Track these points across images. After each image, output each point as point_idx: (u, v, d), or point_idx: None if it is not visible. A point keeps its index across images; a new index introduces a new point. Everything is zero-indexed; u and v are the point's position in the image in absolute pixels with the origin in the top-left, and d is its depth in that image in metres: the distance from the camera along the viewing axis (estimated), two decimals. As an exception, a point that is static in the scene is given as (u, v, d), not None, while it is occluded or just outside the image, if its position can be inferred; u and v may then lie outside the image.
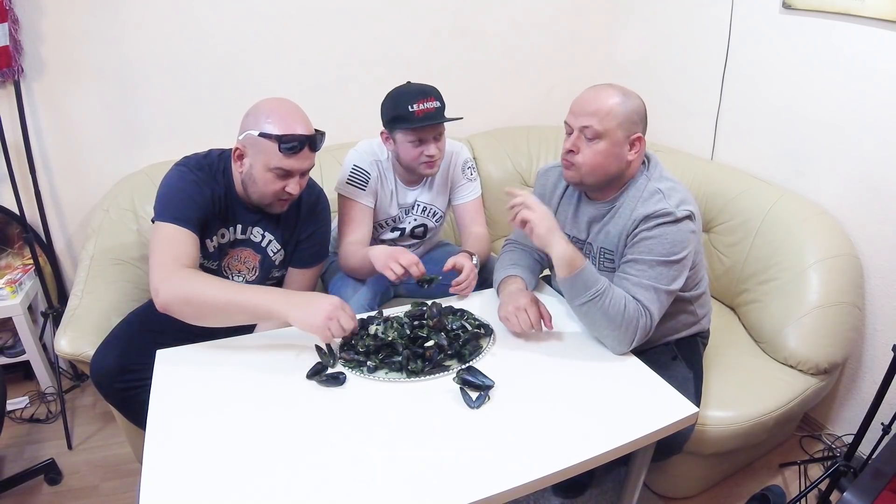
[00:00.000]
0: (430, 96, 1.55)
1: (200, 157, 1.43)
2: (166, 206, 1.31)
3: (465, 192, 1.80)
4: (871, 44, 1.65)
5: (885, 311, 1.76)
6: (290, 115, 1.34)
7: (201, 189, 1.36)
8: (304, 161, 1.35)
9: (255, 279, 1.54)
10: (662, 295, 1.28)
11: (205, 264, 1.47)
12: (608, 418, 1.11)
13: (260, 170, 1.34)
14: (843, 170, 1.80)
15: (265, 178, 1.34)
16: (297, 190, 1.37)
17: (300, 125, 1.33)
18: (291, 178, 1.36)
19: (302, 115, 1.36)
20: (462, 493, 0.93)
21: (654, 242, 1.26)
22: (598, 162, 1.29)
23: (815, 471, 1.80)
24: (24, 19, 1.85)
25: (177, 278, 1.22)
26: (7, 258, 2.11)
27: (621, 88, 1.30)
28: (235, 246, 1.49)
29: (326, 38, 2.22)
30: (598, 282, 1.24)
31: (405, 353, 1.24)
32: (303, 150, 1.33)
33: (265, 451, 1.01)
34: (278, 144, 1.30)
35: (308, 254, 1.55)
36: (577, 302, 1.26)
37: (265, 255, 1.52)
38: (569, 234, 1.46)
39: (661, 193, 1.29)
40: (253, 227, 1.48)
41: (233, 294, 1.22)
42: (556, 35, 2.57)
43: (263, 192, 1.37)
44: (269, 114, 1.32)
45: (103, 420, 2.03)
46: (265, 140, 1.31)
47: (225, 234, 1.46)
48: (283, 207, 1.43)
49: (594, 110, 1.27)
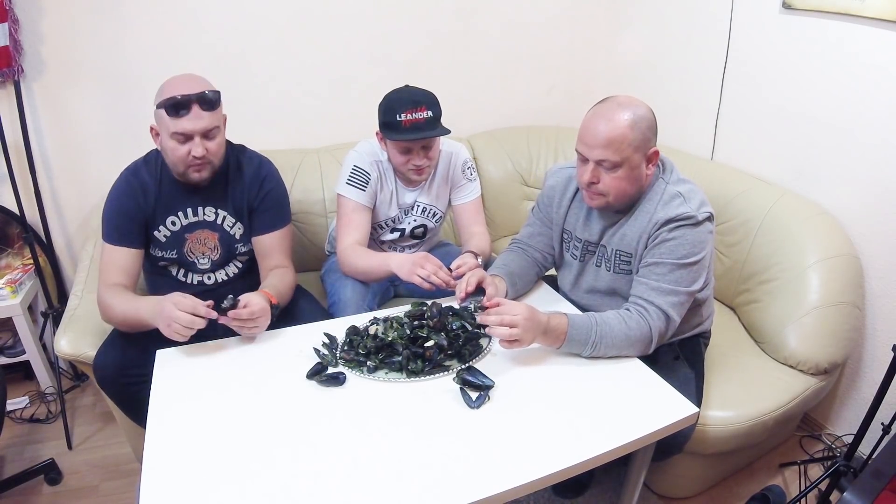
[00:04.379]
0: (421, 105, 1.53)
1: (140, 160, 1.51)
2: (105, 226, 1.46)
3: (465, 193, 1.80)
4: (871, 44, 1.65)
5: (885, 311, 1.76)
6: (178, 81, 1.38)
7: (129, 197, 1.45)
8: (198, 121, 1.36)
9: (220, 257, 1.57)
10: (683, 297, 1.29)
11: (165, 256, 1.52)
12: (608, 418, 1.11)
13: (165, 139, 1.39)
14: (844, 170, 1.80)
15: (170, 145, 1.38)
16: (200, 151, 1.38)
17: (185, 87, 1.35)
18: (192, 141, 1.37)
19: (192, 79, 1.39)
20: (462, 493, 0.93)
21: (675, 244, 1.27)
22: (622, 188, 1.29)
23: (815, 471, 1.80)
24: (24, 19, 1.85)
25: (100, 304, 1.42)
26: (7, 258, 2.11)
27: (628, 104, 1.25)
28: (191, 230, 1.52)
29: (327, 39, 2.22)
30: (589, 328, 1.24)
31: (405, 353, 1.23)
32: (191, 110, 1.35)
33: (265, 450, 1.02)
34: (165, 109, 1.35)
35: (268, 216, 1.56)
36: (585, 354, 1.26)
37: (223, 232, 1.55)
38: (580, 237, 1.46)
39: (682, 197, 1.29)
40: (204, 208, 1.51)
41: (130, 308, 1.37)
42: (556, 35, 2.57)
43: (173, 160, 1.41)
44: (163, 86, 1.38)
45: (103, 420, 2.02)
46: (159, 110, 1.36)
47: (175, 221, 1.50)
48: (200, 174, 1.43)
49: (607, 141, 1.23)
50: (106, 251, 1.45)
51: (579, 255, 1.47)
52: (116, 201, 1.45)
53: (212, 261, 1.56)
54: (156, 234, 1.49)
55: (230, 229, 1.55)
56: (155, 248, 1.51)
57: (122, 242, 1.44)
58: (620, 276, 1.40)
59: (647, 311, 1.27)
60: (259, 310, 1.31)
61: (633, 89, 2.43)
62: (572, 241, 1.49)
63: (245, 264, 1.62)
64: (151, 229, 1.48)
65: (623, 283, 1.39)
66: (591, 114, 1.29)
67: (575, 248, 1.48)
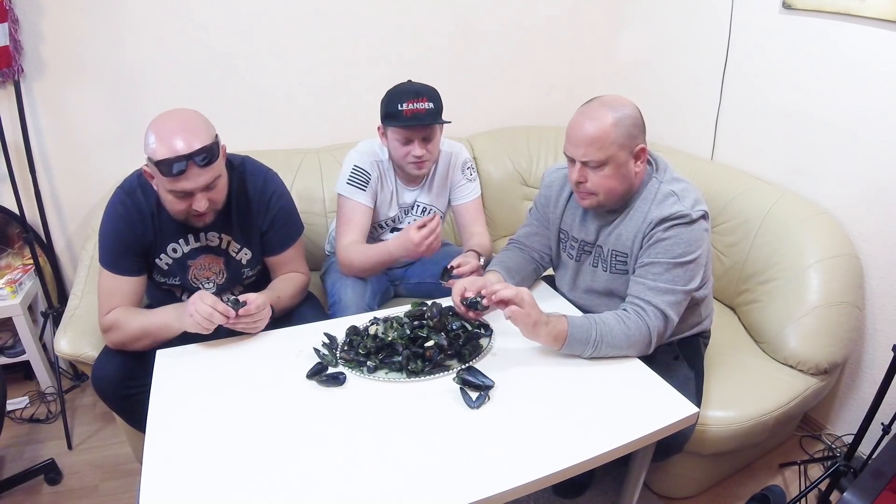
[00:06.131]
0: (423, 97, 1.54)
1: (135, 178, 1.38)
2: (101, 250, 1.38)
3: (465, 193, 1.80)
4: (871, 44, 1.65)
5: (885, 311, 1.76)
6: (170, 134, 1.21)
7: (127, 224, 1.35)
8: (197, 179, 1.23)
9: (225, 281, 1.52)
10: (680, 296, 1.29)
11: (168, 282, 1.47)
12: (608, 418, 1.11)
13: (162, 192, 1.28)
14: (844, 170, 1.80)
15: (168, 199, 1.28)
16: (203, 206, 1.27)
17: (180, 143, 1.20)
18: (193, 197, 1.27)
19: (185, 128, 1.23)
20: (462, 493, 0.93)
21: (670, 243, 1.27)
22: (610, 186, 1.29)
23: (815, 471, 1.80)
24: (24, 19, 1.85)
25: (108, 331, 1.36)
26: (7, 258, 2.11)
27: (612, 103, 1.27)
28: (194, 256, 1.45)
29: (327, 39, 2.22)
30: (589, 329, 1.24)
31: (405, 353, 1.23)
32: (189, 170, 1.21)
33: (265, 450, 1.02)
34: (159, 170, 1.22)
35: (278, 238, 1.51)
36: (586, 355, 1.26)
37: (228, 257, 1.49)
38: (576, 237, 1.46)
39: (676, 196, 1.30)
40: (207, 233, 1.43)
41: (147, 319, 1.34)
42: (557, 35, 2.57)
43: (173, 211, 1.32)
44: (153, 134, 1.22)
45: (103, 420, 2.03)
46: (153, 165, 1.23)
47: (176, 248, 1.42)
48: (202, 222, 1.35)
49: (591, 140, 1.25)
50: (105, 277, 1.37)
51: (575, 255, 1.47)
52: (114, 228, 1.35)
53: (217, 285, 1.51)
54: (157, 261, 1.42)
55: (236, 254, 1.49)
56: (157, 274, 1.45)
57: (123, 272, 1.36)
58: (617, 277, 1.40)
59: (644, 311, 1.27)
60: (262, 302, 1.33)
61: (633, 89, 2.44)
62: (569, 241, 1.49)
63: (252, 285, 1.58)
64: (152, 257, 1.41)
65: (620, 284, 1.39)
66: (576, 115, 1.31)
67: (571, 248, 1.49)
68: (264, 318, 1.34)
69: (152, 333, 1.33)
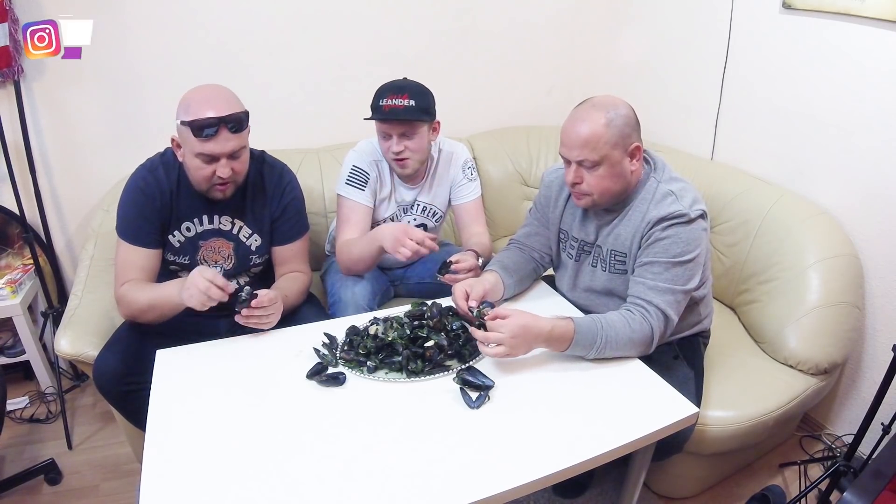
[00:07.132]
0: (405, 94, 1.55)
1: (157, 157, 1.47)
2: (120, 220, 1.43)
3: (465, 193, 1.80)
4: (871, 44, 1.65)
5: (885, 311, 1.76)
6: (204, 99, 1.32)
7: (148, 196, 1.40)
8: (225, 143, 1.32)
9: (233, 267, 1.55)
10: (679, 295, 1.29)
11: (177, 261, 1.50)
12: (608, 418, 1.11)
13: (189, 157, 1.35)
14: (843, 170, 1.80)
15: (194, 164, 1.35)
16: (227, 173, 1.35)
17: (213, 108, 1.30)
18: (218, 162, 1.34)
19: (219, 97, 1.33)
20: (462, 493, 0.93)
21: (669, 243, 1.27)
22: (605, 186, 1.30)
23: (815, 471, 1.80)
24: (24, 19, 1.84)
25: (121, 300, 1.40)
26: (7, 258, 2.11)
27: (604, 104, 1.27)
28: (206, 237, 1.50)
29: (327, 39, 2.22)
30: (595, 332, 1.24)
31: (405, 353, 1.24)
32: (219, 133, 1.30)
33: (265, 450, 1.02)
34: (191, 129, 1.30)
35: (287, 227, 1.55)
36: (589, 357, 1.26)
37: (238, 242, 1.53)
38: (576, 237, 1.46)
39: (674, 195, 1.30)
40: (220, 216, 1.49)
41: (156, 292, 1.37)
42: (557, 35, 2.57)
43: (196, 178, 1.38)
44: (187, 100, 1.33)
45: (103, 420, 2.02)
46: (184, 128, 1.32)
47: (190, 227, 1.47)
48: (223, 193, 1.41)
49: (584, 141, 1.26)
50: (123, 249, 1.42)
51: (575, 255, 1.47)
52: (134, 200, 1.41)
53: (224, 269, 1.53)
54: (170, 238, 1.46)
55: (246, 240, 1.53)
56: (168, 251, 1.48)
57: (140, 243, 1.41)
58: (616, 276, 1.40)
59: (648, 311, 1.27)
60: (274, 296, 1.34)
61: (633, 89, 2.45)
62: (568, 240, 1.49)
63: (258, 273, 1.62)
64: (166, 234, 1.46)
65: (619, 283, 1.40)
66: (569, 117, 1.31)
67: (571, 248, 1.49)
68: (276, 313, 1.35)
69: (158, 306, 1.36)
